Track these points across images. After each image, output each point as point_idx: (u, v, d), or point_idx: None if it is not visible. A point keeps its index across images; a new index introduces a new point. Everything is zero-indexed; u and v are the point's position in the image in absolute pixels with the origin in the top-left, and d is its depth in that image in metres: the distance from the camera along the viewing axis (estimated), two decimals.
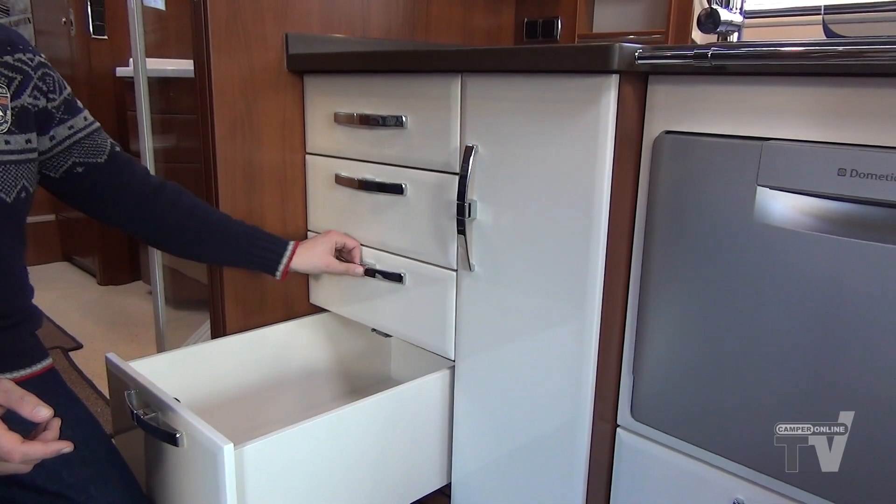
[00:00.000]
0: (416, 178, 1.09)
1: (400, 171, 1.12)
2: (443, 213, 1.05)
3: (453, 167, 1.02)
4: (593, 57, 0.80)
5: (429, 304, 1.10)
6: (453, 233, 1.04)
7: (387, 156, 1.14)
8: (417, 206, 1.09)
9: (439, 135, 1.04)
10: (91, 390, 1.74)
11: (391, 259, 1.16)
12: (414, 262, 1.12)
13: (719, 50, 0.72)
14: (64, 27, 2.59)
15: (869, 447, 0.70)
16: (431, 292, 1.10)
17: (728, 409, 0.80)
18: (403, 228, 1.13)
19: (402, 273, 1.14)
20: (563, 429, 0.95)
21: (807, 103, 0.71)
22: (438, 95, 1.02)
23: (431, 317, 1.10)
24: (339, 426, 0.99)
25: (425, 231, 1.09)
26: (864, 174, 0.66)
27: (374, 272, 1.19)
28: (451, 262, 1.07)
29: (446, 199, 1.04)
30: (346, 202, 1.24)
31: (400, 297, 1.16)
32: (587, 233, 0.87)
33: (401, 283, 1.14)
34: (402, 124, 1.09)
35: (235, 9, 1.22)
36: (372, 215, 1.19)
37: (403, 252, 1.14)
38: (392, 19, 1.49)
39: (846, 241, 0.68)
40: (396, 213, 1.13)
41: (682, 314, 0.82)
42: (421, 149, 1.07)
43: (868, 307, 0.68)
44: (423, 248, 1.10)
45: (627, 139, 0.84)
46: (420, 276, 1.11)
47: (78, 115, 0.98)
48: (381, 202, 1.16)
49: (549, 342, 0.95)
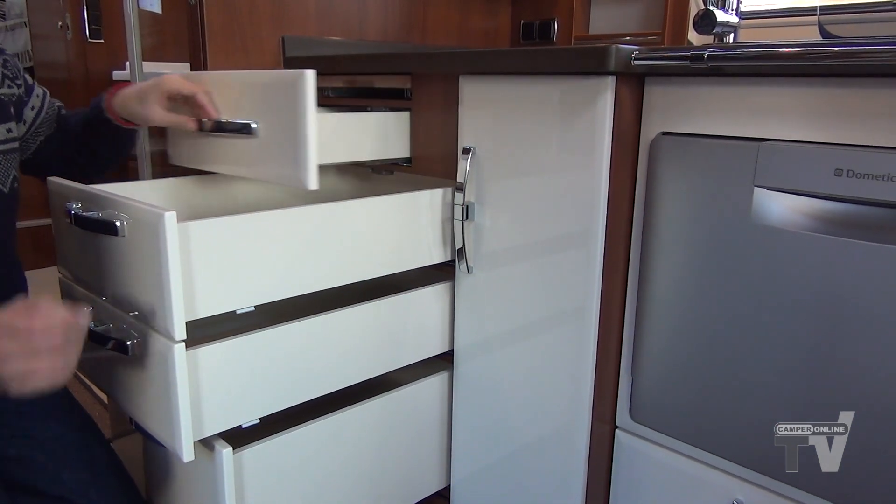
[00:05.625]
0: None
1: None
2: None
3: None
4: (590, 58, 0.80)
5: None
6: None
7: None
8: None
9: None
10: (89, 394, 1.73)
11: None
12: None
13: (715, 51, 0.72)
14: (60, 31, 2.58)
15: (869, 447, 0.70)
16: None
17: (727, 410, 0.80)
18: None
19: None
20: (561, 430, 0.95)
21: (803, 104, 0.71)
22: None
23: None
24: (338, 429, 0.99)
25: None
26: (860, 174, 0.66)
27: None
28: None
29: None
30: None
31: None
32: (585, 234, 0.87)
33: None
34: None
35: (232, 12, 1.22)
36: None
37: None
38: (388, 22, 1.49)
39: (844, 241, 0.68)
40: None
41: (680, 315, 0.82)
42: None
43: (866, 307, 0.68)
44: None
45: (624, 140, 0.84)
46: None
47: (32, 94, 0.98)
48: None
49: (548, 344, 0.95)
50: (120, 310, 0.85)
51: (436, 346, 1.10)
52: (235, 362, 0.84)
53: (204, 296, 0.80)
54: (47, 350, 0.66)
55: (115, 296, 0.86)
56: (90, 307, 0.78)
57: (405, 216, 1.00)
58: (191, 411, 0.79)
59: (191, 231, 0.77)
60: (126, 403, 0.90)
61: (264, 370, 0.88)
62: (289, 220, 0.87)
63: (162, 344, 0.77)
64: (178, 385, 0.77)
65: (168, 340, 0.76)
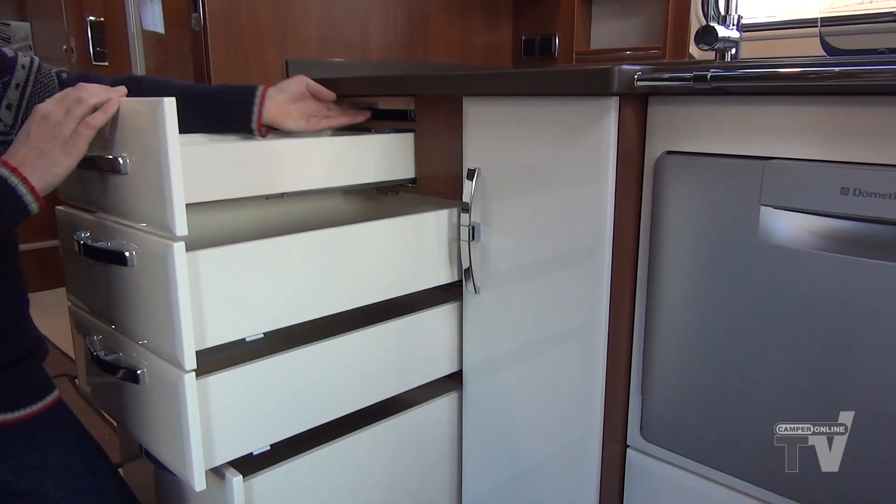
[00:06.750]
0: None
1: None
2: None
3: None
4: (593, 80, 0.81)
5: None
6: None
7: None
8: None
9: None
10: (98, 417, 1.74)
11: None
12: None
13: (718, 72, 0.73)
14: (65, 54, 2.61)
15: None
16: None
17: (738, 428, 0.80)
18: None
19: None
20: (572, 450, 0.95)
21: (808, 122, 0.71)
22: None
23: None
24: (348, 454, 0.98)
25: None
26: (867, 193, 0.66)
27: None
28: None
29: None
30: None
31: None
32: (592, 253, 0.87)
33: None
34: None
35: (236, 37, 1.23)
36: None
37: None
38: (391, 41, 1.50)
39: (851, 259, 0.68)
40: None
41: (688, 333, 0.82)
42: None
43: (874, 325, 0.68)
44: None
45: (629, 160, 0.84)
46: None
47: (16, 68, 0.91)
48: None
49: (557, 363, 0.94)
50: (130, 338, 0.86)
51: (444, 366, 1.10)
52: (246, 389, 0.85)
53: (213, 325, 0.80)
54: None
55: (124, 324, 0.86)
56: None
57: (412, 238, 1.00)
58: (202, 440, 0.79)
59: (200, 260, 0.78)
60: (136, 431, 0.90)
61: (274, 396, 0.88)
62: (296, 246, 0.87)
63: (172, 373, 0.77)
64: (189, 415, 0.77)
65: (178, 370, 0.77)
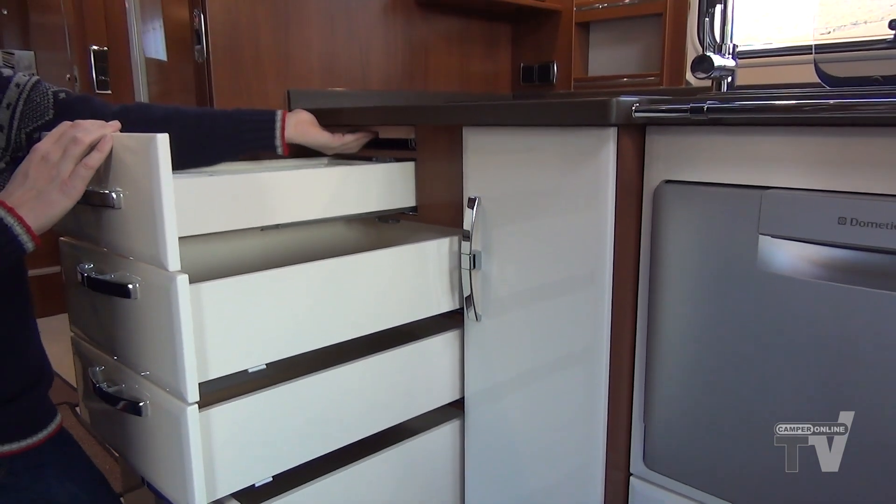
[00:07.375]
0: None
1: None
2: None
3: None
4: (591, 112, 0.82)
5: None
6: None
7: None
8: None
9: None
10: (99, 447, 1.73)
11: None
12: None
13: (715, 104, 0.74)
14: (69, 83, 2.64)
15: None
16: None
17: (740, 457, 0.80)
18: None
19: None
20: (575, 478, 0.95)
21: (804, 152, 0.72)
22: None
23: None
24: (351, 484, 0.98)
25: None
26: (864, 222, 0.67)
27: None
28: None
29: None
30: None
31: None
32: (592, 281, 0.88)
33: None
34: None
35: (238, 68, 1.25)
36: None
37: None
38: (391, 70, 1.52)
39: (849, 288, 0.69)
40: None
41: (689, 362, 0.82)
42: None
43: (872, 354, 0.68)
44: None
45: (628, 189, 0.85)
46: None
47: (10, 87, 0.91)
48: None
49: (559, 391, 0.94)
50: (132, 370, 0.86)
51: (447, 394, 1.10)
52: (248, 421, 0.85)
53: (216, 356, 0.80)
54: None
55: (127, 356, 0.87)
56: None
57: (413, 267, 1.01)
58: (204, 472, 0.79)
59: (202, 292, 0.78)
60: (137, 462, 0.90)
61: (277, 427, 0.88)
62: (299, 277, 0.88)
63: (174, 405, 0.78)
64: (191, 447, 0.77)
65: (181, 402, 0.77)
